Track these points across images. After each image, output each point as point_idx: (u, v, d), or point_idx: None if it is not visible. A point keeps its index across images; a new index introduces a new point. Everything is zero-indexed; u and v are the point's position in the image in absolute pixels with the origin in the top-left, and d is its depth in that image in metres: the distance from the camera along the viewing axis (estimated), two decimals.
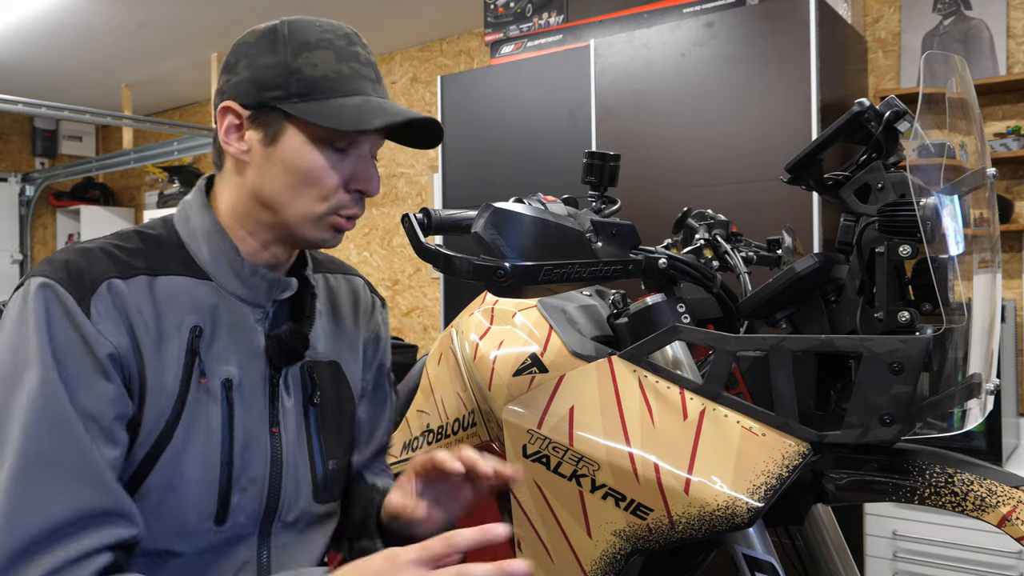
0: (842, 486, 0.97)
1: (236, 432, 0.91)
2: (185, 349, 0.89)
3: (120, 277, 0.87)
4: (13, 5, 3.65)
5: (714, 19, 2.42)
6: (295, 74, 0.90)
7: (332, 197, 0.93)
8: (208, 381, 0.90)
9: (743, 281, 1.17)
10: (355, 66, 0.92)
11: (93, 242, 0.91)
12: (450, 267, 0.90)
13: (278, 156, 0.92)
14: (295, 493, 0.97)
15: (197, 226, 0.95)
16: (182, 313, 0.90)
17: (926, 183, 0.92)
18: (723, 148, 2.38)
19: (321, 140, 0.91)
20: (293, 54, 0.91)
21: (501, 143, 2.92)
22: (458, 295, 3.02)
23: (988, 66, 2.65)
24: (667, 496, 0.92)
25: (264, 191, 0.93)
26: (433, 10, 3.72)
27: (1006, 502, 0.86)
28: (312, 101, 0.90)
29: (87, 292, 0.84)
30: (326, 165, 0.91)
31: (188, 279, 0.92)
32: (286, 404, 0.98)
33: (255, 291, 0.96)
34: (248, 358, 0.94)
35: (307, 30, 0.93)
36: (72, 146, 6.03)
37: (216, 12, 3.73)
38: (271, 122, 0.92)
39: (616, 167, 1.16)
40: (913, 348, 0.87)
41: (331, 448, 1.03)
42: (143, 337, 0.86)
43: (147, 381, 0.86)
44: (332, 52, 0.91)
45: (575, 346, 1.10)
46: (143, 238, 0.94)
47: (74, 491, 0.79)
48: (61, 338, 0.82)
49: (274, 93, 0.90)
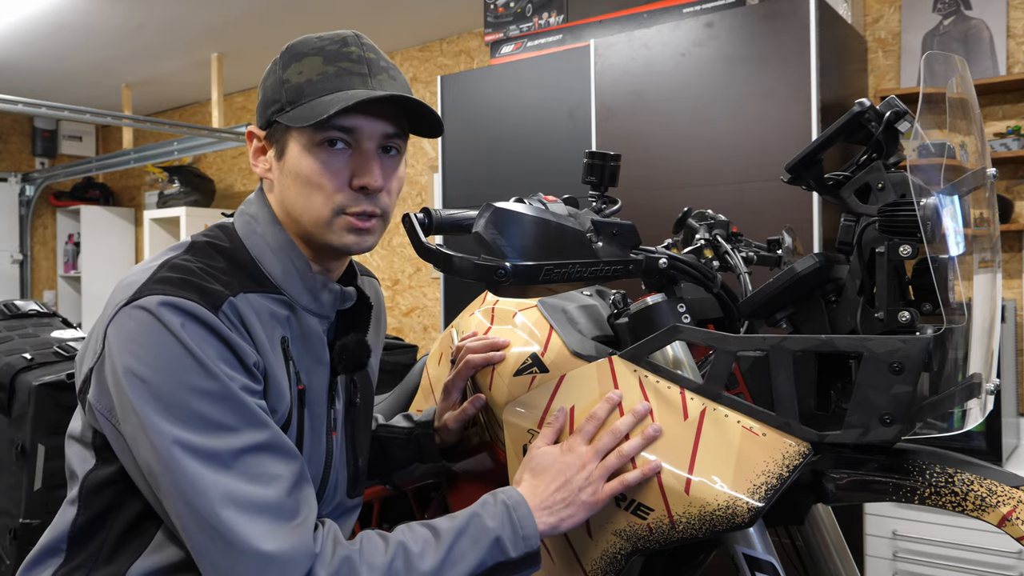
0: (842, 486, 0.97)
1: (305, 438, 0.96)
2: (283, 358, 0.93)
3: (231, 295, 0.89)
4: (13, 5, 3.65)
5: (714, 19, 2.42)
6: (285, 84, 0.93)
7: (336, 197, 0.93)
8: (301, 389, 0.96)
9: (743, 281, 1.17)
10: (344, 65, 0.93)
11: (184, 259, 0.92)
12: (451, 267, 0.90)
13: (287, 168, 0.95)
14: (334, 490, 1.03)
15: (270, 240, 0.97)
16: (272, 327, 0.93)
17: (926, 183, 0.91)
18: (723, 148, 2.38)
19: (315, 144, 0.92)
20: (284, 67, 0.95)
21: (501, 143, 2.92)
22: (458, 295, 3.02)
23: (988, 66, 2.65)
24: (667, 496, 0.92)
25: (286, 204, 0.96)
26: (433, 10, 3.72)
27: (1006, 502, 0.86)
28: (298, 106, 0.92)
29: (215, 308, 0.86)
30: (322, 167, 0.93)
31: (264, 296, 0.94)
32: (337, 408, 1.03)
33: (323, 304, 0.99)
34: (315, 366, 0.99)
35: (303, 43, 0.96)
36: (72, 146, 6.03)
37: (216, 12, 3.73)
38: (279, 137, 0.95)
39: (616, 167, 1.16)
40: (913, 348, 0.87)
41: (361, 446, 1.10)
42: (262, 348, 0.90)
43: (270, 387, 0.91)
44: (320, 57, 0.93)
45: (576, 346, 1.10)
46: (223, 254, 0.95)
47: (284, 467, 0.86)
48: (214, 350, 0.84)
49: (273, 108, 0.94)
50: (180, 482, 0.81)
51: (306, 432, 0.96)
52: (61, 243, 5.93)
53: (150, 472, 0.84)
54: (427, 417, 1.23)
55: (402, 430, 1.24)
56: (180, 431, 0.82)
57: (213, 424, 0.83)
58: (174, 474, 0.81)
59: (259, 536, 0.80)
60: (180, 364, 0.83)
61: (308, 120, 0.89)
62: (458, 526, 0.91)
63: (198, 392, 0.82)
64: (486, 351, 1.17)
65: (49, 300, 5.95)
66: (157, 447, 0.82)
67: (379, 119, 0.94)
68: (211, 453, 0.82)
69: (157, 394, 0.82)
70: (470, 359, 1.17)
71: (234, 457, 0.82)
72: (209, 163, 5.44)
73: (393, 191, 0.98)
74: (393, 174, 0.98)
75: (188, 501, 0.81)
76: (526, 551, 0.91)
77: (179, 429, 0.82)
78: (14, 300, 1.52)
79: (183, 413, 0.82)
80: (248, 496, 0.82)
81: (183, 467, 0.81)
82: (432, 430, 1.21)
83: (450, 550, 0.88)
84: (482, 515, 0.92)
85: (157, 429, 0.82)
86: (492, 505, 0.93)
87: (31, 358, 1.30)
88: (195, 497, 0.81)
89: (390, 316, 4.36)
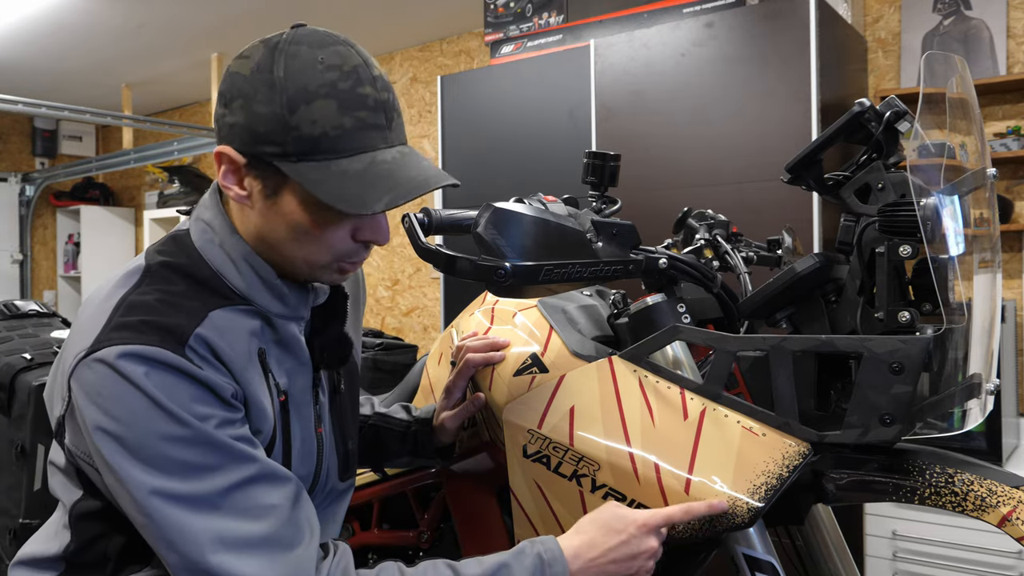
0: (842, 486, 0.97)
1: (294, 441, 0.95)
2: (261, 371, 0.91)
3: (197, 325, 0.85)
4: (13, 5, 3.65)
5: (714, 19, 2.42)
6: (292, 131, 0.82)
7: (336, 248, 0.90)
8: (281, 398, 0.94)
9: (743, 281, 1.17)
10: (361, 115, 0.84)
11: (140, 295, 0.86)
12: (450, 267, 0.90)
13: (280, 212, 0.88)
14: (327, 476, 1.02)
15: (230, 251, 0.91)
16: (247, 341, 0.89)
17: (926, 183, 0.91)
18: (723, 148, 2.38)
19: (324, 206, 0.85)
20: (290, 107, 0.82)
21: (501, 143, 2.92)
22: (458, 295, 3.02)
23: (988, 66, 2.65)
24: (667, 496, 0.92)
25: (269, 237, 0.90)
26: (433, 10, 3.72)
27: (1006, 502, 0.86)
28: (311, 162, 0.83)
29: (181, 345, 0.82)
30: (327, 226, 0.87)
31: (233, 310, 0.89)
32: (322, 401, 1.02)
33: (294, 307, 0.95)
34: (297, 367, 0.97)
35: (306, 72, 0.83)
36: (72, 146, 6.03)
37: (216, 12, 3.73)
38: (270, 176, 0.86)
39: (616, 167, 1.16)
40: (913, 348, 0.87)
41: (349, 430, 1.09)
42: (237, 373, 0.87)
43: (251, 410, 0.88)
44: (334, 101, 0.82)
45: (575, 346, 1.10)
46: (179, 274, 0.90)
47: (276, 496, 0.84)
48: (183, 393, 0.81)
49: (270, 149, 0.84)
50: (166, 531, 0.79)
51: (294, 437, 0.95)
52: (61, 243, 5.93)
53: (136, 523, 0.82)
54: (426, 414, 1.23)
55: (400, 422, 1.23)
56: (159, 480, 0.79)
57: (192, 468, 0.80)
58: (159, 524, 0.79)
59: (255, 574, 0.79)
60: (148, 416, 0.79)
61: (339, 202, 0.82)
62: (486, 572, 0.87)
63: (171, 440, 0.79)
64: (486, 351, 1.16)
65: (49, 300, 5.95)
66: (138, 500, 0.79)
67: None
68: (195, 498, 0.79)
69: (130, 448, 0.79)
70: (470, 358, 1.17)
71: (221, 496, 0.80)
72: (209, 163, 5.43)
73: None
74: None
75: (177, 550, 0.79)
76: None
77: (157, 479, 0.79)
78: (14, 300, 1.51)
79: (160, 462, 0.79)
80: (240, 535, 0.80)
81: (166, 516, 0.79)
82: (430, 428, 1.21)
83: None
84: (512, 567, 0.87)
85: (135, 482, 0.79)
86: (527, 556, 0.89)
87: (31, 358, 1.30)
88: (183, 545, 0.78)
89: (390, 316, 4.36)
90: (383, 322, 4.39)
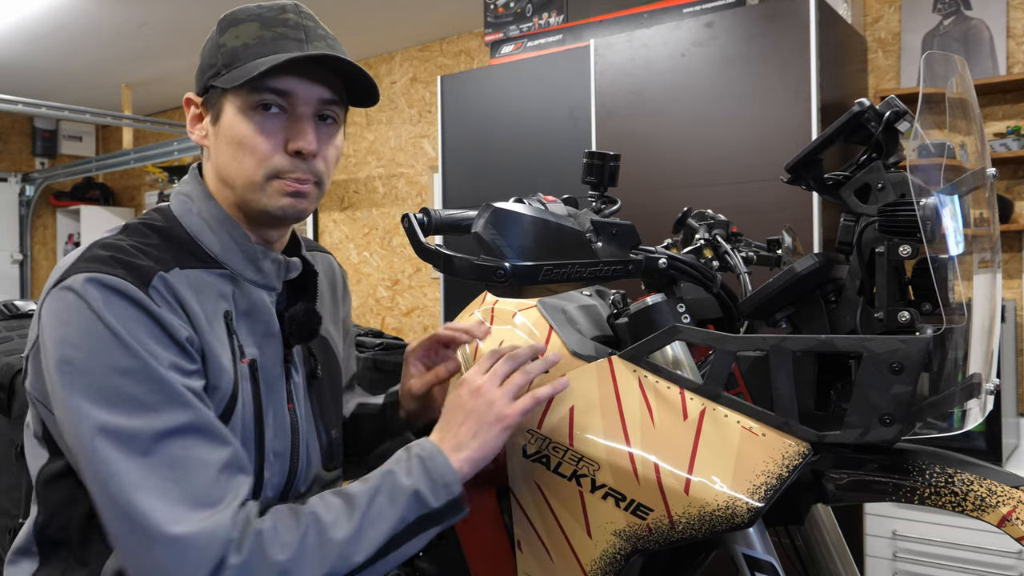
0: (842, 486, 0.97)
1: (265, 410, 0.96)
2: (226, 332, 0.93)
3: (163, 270, 0.88)
4: (13, 5, 3.65)
5: (714, 19, 2.42)
6: (221, 48, 0.93)
7: (269, 161, 0.93)
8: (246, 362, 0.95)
9: (743, 281, 1.17)
10: (280, 30, 0.93)
11: (115, 239, 0.91)
12: (450, 267, 0.90)
13: (222, 132, 0.94)
14: (308, 464, 1.03)
15: (206, 216, 0.97)
16: (214, 301, 0.93)
17: (926, 183, 0.91)
18: (723, 148, 2.38)
19: (249, 107, 0.92)
20: (221, 32, 0.95)
21: (501, 143, 2.92)
22: (458, 295, 3.02)
23: (988, 66, 2.65)
24: (667, 496, 0.92)
25: (221, 170, 0.96)
26: (433, 10, 3.72)
27: (1006, 502, 0.86)
28: (233, 69, 0.91)
29: (144, 284, 0.85)
30: (256, 130, 0.92)
31: (205, 271, 0.94)
32: (296, 380, 1.03)
33: (268, 275, 0.99)
34: (266, 339, 0.98)
35: (241, 10, 0.96)
36: (72, 146, 6.03)
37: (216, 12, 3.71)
38: (215, 102, 0.95)
39: (616, 167, 1.16)
40: (913, 348, 0.87)
41: (330, 418, 1.10)
42: (198, 323, 0.89)
43: (209, 363, 0.89)
44: (257, 23, 0.93)
45: (575, 346, 1.10)
46: (156, 232, 0.95)
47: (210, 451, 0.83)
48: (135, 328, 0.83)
49: (209, 73, 0.94)
50: (98, 466, 0.80)
51: (266, 407, 0.95)
52: (61, 243, 5.93)
53: (73, 457, 0.84)
54: (396, 389, 1.22)
55: (374, 405, 1.24)
56: (100, 412, 0.80)
57: (135, 403, 0.81)
58: (91, 459, 0.80)
59: (172, 521, 0.78)
60: (102, 343, 0.81)
61: (240, 80, 0.89)
62: (372, 487, 0.88)
63: (119, 371, 0.81)
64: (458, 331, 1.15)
65: None
66: (78, 430, 0.80)
67: (315, 83, 0.93)
68: (130, 435, 0.80)
69: (81, 374, 0.81)
70: (438, 332, 1.15)
71: (155, 441, 0.80)
72: None
73: (330, 159, 0.97)
74: (330, 142, 0.97)
75: (102, 484, 0.79)
76: (448, 498, 0.89)
77: (100, 411, 0.80)
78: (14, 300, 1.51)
79: (105, 393, 0.81)
80: (165, 482, 0.80)
81: (99, 450, 0.79)
82: (396, 398, 1.20)
83: (366, 513, 0.86)
84: (396, 472, 0.90)
85: (80, 412, 0.81)
86: (406, 460, 0.91)
87: None
88: (111, 482, 0.79)
89: (390, 316, 4.36)
90: (383, 322, 4.39)
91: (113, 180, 6.08)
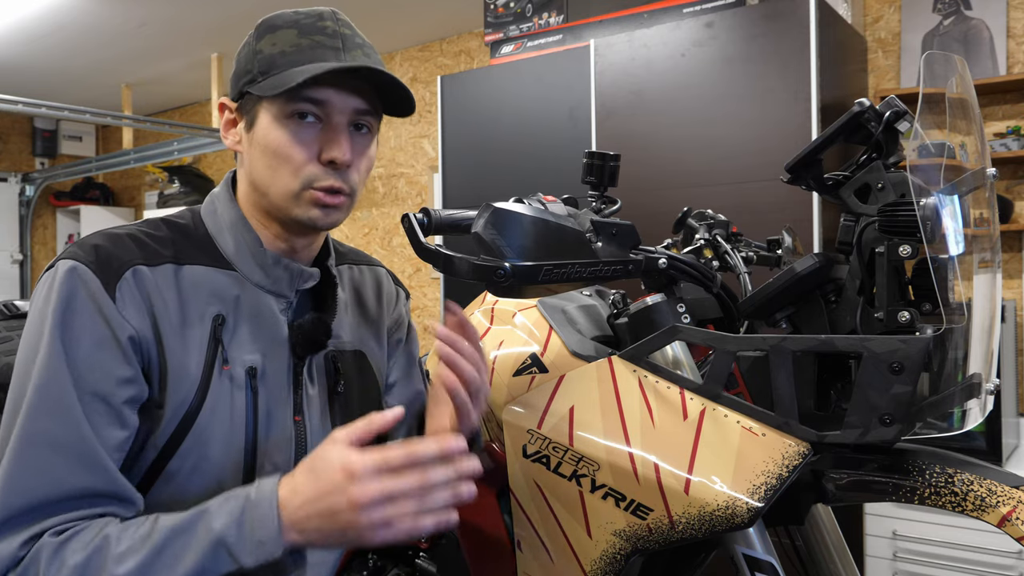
0: (842, 486, 0.97)
1: (260, 418, 0.94)
2: (208, 337, 0.91)
3: (146, 264, 0.89)
4: (13, 5, 3.65)
5: (714, 19, 2.42)
6: (258, 55, 0.93)
7: (304, 170, 0.93)
8: (231, 368, 0.93)
9: (743, 281, 1.17)
10: (318, 39, 0.92)
11: (125, 228, 0.93)
12: (450, 267, 0.90)
13: (256, 139, 0.94)
14: None
15: (224, 218, 0.98)
16: (206, 302, 0.92)
17: (926, 183, 0.91)
18: (723, 148, 2.38)
19: (285, 115, 0.92)
20: (258, 38, 0.94)
21: (501, 143, 2.92)
22: (458, 295, 3.01)
23: (988, 66, 2.65)
24: (667, 496, 0.92)
25: (254, 176, 0.96)
26: (433, 10, 3.72)
27: (1006, 502, 0.86)
28: (270, 77, 0.91)
29: (113, 277, 0.86)
30: (292, 139, 0.92)
31: (213, 269, 0.94)
32: (310, 393, 1.00)
33: (278, 281, 0.98)
34: (272, 347, 0.97)
35: (279, 16, 0.95)
36: (72, 146, 6.03)
37: (216, 12, 3.73)
38: (250, 108, 0.95)
39: (616, 167, 1.16)
40: (913, 348, 0.87)
41: None
42: (164, 323, 0.89)
43: (167, 366, 0.88)
44: (295, 30, 0.93)
45: (575, 346, 1.10)
46: (171, 227, 0.96)
47: (67, 471, 0.81)
48: (78, 321, 0.84)
49: (245, 79, 0.94)
50: None
51: (260, 415, 0.93)
52: (61, 243, 5.93)
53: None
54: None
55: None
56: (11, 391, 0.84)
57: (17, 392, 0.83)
58: None
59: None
60: (40, 323, 0.84)
61: (277, 89, 0.89)
62: (179, 523, 0.78)
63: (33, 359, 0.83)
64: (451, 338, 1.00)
65: None
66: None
67: (350, 94, 0.93)
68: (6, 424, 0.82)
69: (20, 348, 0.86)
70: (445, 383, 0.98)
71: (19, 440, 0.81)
72: (209, 163, 5.43)
73: (362, 169, 0.97)
74: (364, 152, 0.96)
75: None
76: (265, 559, 0.76)
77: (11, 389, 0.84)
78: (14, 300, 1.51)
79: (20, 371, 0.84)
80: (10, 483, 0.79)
81: None
82: None
83: (159, 553, 0.76)
84: (211, 511, 0.78)
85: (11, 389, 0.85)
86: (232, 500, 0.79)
87: None
88: None
89: None
90: None
91: (113, 180, 6.08)
